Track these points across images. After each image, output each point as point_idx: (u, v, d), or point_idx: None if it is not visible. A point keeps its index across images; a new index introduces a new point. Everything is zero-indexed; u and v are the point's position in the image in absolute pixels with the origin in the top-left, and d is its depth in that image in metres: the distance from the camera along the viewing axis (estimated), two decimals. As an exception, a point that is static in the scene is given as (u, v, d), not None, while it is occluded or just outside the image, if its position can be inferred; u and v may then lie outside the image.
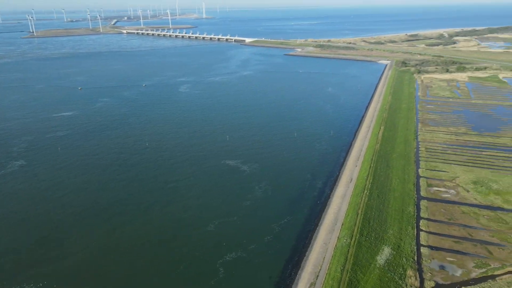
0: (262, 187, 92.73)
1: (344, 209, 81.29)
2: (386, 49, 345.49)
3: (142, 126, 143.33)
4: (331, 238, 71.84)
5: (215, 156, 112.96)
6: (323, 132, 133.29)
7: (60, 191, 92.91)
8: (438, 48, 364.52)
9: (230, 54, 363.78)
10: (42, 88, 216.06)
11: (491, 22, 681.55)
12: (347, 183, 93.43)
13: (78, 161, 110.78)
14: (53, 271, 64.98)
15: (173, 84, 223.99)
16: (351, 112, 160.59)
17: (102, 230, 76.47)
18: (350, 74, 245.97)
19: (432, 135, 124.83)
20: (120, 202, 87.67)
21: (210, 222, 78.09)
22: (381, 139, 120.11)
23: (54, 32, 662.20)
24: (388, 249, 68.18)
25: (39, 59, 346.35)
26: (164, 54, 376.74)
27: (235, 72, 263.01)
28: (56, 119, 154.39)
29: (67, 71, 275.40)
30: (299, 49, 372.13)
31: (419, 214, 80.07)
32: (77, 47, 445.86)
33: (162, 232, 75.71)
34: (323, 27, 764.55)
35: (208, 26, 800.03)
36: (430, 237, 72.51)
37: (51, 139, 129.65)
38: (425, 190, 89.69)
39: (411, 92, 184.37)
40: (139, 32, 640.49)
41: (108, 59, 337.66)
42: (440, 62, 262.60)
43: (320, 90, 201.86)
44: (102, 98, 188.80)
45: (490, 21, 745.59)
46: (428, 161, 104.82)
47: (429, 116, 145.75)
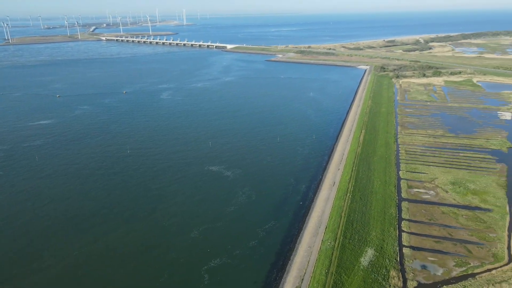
0: (245, 192, 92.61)
1: (328, 212, 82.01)
2: (365, 55, 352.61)
3: (123, 134, 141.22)
4: (315, 241, 72.26)
5: (198, 162, 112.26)
6: (306, 137, 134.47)
7: (38, 202, 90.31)
8: (414, 53, 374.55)
9: (212, 60, 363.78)
10: (18, 97, 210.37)
11: (464, 29, 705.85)
12: (330, 186, 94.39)
13: (57, 171, 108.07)
14: (32, 285, 62.90)
15: (154, 91, 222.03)
16: (332, 116, 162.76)
17: (83, 241, 74.60)
18: (330, 79, 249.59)
19: (411, 137, 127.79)
20: (101, 211, 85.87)
21: (194, 228, 77.38)
22: (363, 142, 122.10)
23: (31, 39, 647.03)
24: (371, 250, 69.08)
25: (15, 66, 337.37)
26: (145, 60, 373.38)
27: (217, 78, 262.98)
28: (33, 127, 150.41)
29: (45, 78, 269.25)
30: (280, 55, 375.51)
31: (400, 215, 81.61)
32: (55, 54, 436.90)
33: (145, 240, 74.49)
34: (303, 33, 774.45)
35: (189, 32, 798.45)
36: (411, 238, 73.92)
37: (28, 148, 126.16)
38: (406, 192, 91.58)
39: (390, 96, 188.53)
40: (119, 39, 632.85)
41: (87, 66, 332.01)
42: (417, 67, 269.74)
43: (302, 95, 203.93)
44: (81, 106, 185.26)
45: (463, 27, 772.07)
46: (408, 163, 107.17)
47: (408, 119, 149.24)
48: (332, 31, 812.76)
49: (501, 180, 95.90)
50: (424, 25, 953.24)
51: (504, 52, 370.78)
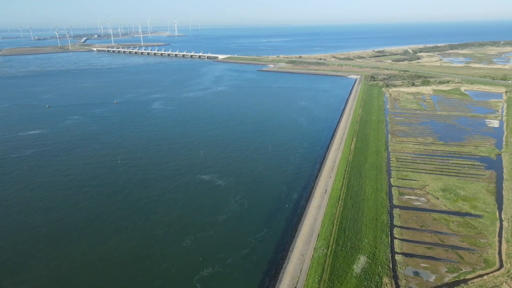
0: (238, 200, 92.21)
1: (320, 220, 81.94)
2: (355, 65, 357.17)
3: (114, 144, 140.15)
4: (307, 249, 71.99)
5: (190, 171, 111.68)
6: (298, 145, 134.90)
7: (26, 213, 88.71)
8: (403, 63, 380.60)
9: (204, 70, 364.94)
10: (7, 107, 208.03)
11: (451, 39, 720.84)
12: (322, 194, 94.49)
13: (46, 181, 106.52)
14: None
15: (146, 100, 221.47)
16: (324, 124, 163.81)
17: (73, 251, 73.25)
18: (321, 89, 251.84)
19: (402, 145, 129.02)
20: (91, 221, 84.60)
21: (186, 237, 76.60)
22: (354, 150, 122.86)
23: (20, 51, 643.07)
24: (364, 257, 68.99)
25: (4, 77, 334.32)
26: (136, 71, 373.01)
27: (209, 88, 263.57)
28: (22, 138, 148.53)
29: (34, 89, 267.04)
30: (271, 65, 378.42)
31: (392, 222, 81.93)
32: (45, 65, 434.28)
33: (137, 250, 73.42)
34: (294, 44, 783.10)
35: (181, 43, 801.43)
36: (404, 244, 74.12)
37: (17, 159, 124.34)
38: (397, 199, 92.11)
39: (381, 105, 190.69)
40: (110, 50, 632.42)
41: (78, 77, 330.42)
42: (406, 76, 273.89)
43: (293, 104, 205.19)
44: (72, 116, 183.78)
45: (450, 38, 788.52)
46: (399, 171, 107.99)
47: (398, 127, 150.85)
48: (322, 42, 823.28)
49: (490, 186, 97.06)
50: (412, 36, 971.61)
51: (490, 62, 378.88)
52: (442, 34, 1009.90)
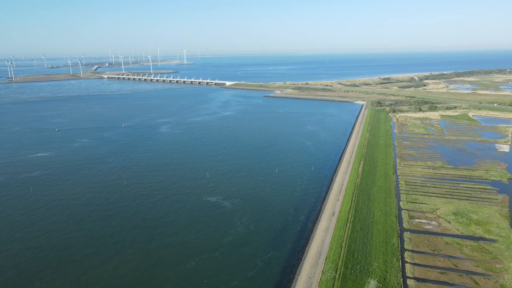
0: (244, 222, 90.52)
1: (328, 242, 79.71)
2: (362, 91, 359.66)
3: (121, 166, 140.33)
4: (315, 272, 69.61)
5: (196, 193, 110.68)
6: (304, 168, 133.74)
7: (30, 233, 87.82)
8: (410, 89, 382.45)
9: (211, 96, 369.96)
10: (17, 131, 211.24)
11: (457, 67, 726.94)
12: (330, 216, 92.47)
13: (52, 201, 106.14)
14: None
15: (154, 124, 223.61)
16: (330, 148, 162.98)
17: (75, 272, 71.71)
18: (328, 113, 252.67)
19: (410, 169, 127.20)
20: (94, 241, 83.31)
21: (191, 259, 74.74)
22: (361, 174, 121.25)
23: (33, 78, 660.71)
24: (374, 281, 66.38)
25: (16, 103, 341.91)
26: (145, 97, 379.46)
27: (216, 112, 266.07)
28: (31, 159, 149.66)
29: (44, 113, 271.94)
30: (278, 91, 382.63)
31: (403, 245, 79.39)
32: (56, 91, 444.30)
33: (140, 272, 71.60)
34: (300, 71, 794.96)
35: (189, 71, 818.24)
36: (415, 269, 71.39)
37: (24, 180, 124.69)
38: (407, 222, 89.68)
39: (388, 130, 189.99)
40: (120, 77, 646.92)
41: (87, 102, 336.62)
42: (413, 102, 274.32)
43: (300, 128, 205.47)
44: (80, 139, 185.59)
45: (456, 66, 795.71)
46: (408, 194, 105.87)
47: (407, 151, 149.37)
48: (328, 70, 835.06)
49: (503, 210, 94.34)
50: (418, 64, 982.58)
51: (497, 89, 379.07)
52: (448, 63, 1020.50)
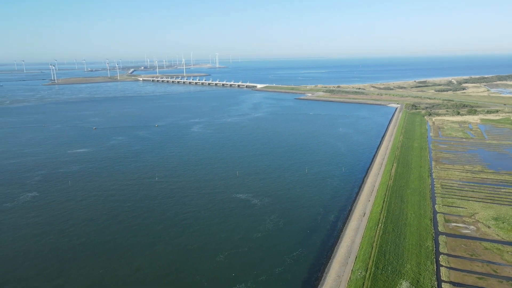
0: (273, 219, 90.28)
1: (358, 242, 77.90)
2: (396, 94, 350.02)
3: (154, 163, 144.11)
4: (344, 270, 68.17)
5: (226, 190, 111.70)
6: (335, 169, 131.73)
7: (67, 223, 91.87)
8: (447, 93, 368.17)
9: (242, 98, 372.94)
10: (58, 128, 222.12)
11: (499, 71, 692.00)
12: (360, 217, 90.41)
13: (88, 194, 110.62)
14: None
15: (186, 124, 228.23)
16: (362, 149, 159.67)
17: (107, 261, 74.18)
18: (360, 116, 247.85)
19: (447, 172, 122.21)
20: (128, 233, 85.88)
21: (220, 253, 75.40)
22: (394, 176, 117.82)
23: (74, 80, 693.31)
24: (406, 283, 64.12)
25: (57, 103, 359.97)
26: (177, 98, 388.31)
27: (247, 114, 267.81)
28: (70, 155, 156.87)
29: (83, 113, 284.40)
30: (309, 94, 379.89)
31: (438, 249, 76.24)
32: (94, 92, 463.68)
33: (169, 263, 73.06)
34: (332, 75, 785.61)
35: (221, 74, 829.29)
36: (451, 273, 68.33)
37: (63, 174, 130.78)
38: (443, 226, 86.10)
39: (423, 133, 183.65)
40: (154, 80, 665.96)
41: (123, 103, 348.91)
42: (451, 105, 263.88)
43: (331, 130, 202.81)
44: (116, 137, 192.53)
45: (498, 69, 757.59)
46: (444, 197, 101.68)
47: (443, 154, 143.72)
48: (361, 73, 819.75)
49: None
50: (457, 68, 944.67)
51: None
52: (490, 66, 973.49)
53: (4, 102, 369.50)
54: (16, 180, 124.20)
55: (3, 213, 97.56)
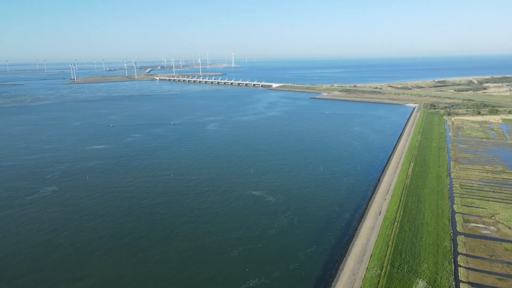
0: (287, 217, 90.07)
1: (373, 241, 76.94)
2: (414, 93, 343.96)
3: (169, 159, 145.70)
4: (359, 268, 67.44)
5: (241, 187, 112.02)
6: (350, 167, 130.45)
7: (86, 217, 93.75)
8: (467, 93, 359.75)
9: (257, 97, 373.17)
10: (77, 125, 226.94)
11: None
12: (376, 215, 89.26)
13: (105, 189, 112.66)
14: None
15: (201, 122, 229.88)
16: (378, 148, 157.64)
17: (122, 253, 75.41)
18: (377, 115, 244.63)
19: (466, 172, 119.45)
20: (143, 227, 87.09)
21: (234, 248, 75.67)
22: (411, 175, 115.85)
23: (93, 79, 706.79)
24: (423, 282, 62.97)
25: (76, 101, 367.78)
26: (193, 97, 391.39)
27: (262, 112, 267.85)
28: (88, 151, 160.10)
29: (101, 111, 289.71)
30: (325, 93, 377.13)
31: (456, 249, 74.61)
32: (111, 91, 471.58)
33: (184, 257, 73.75)
34: (348, 74, 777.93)
35: (237, 73, 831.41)
36: (470, 273, 66.76)
37: (81, 169, 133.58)
38: (461, 226, 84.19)
39: (442, 132, 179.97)
40: (171, 79, 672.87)
41: (140, 101, 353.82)
42: (471, 105, 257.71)
43: (346, 129, 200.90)
44: (133, 134, 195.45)
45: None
46: (463, 198, 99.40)
47: (462, 154, 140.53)
48: (378, 73, 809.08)
49: None
50: (477, 68, 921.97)
51: None
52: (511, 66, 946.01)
53: (25, 100, 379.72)
54: (37, 175, 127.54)
55: (24, 206, 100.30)
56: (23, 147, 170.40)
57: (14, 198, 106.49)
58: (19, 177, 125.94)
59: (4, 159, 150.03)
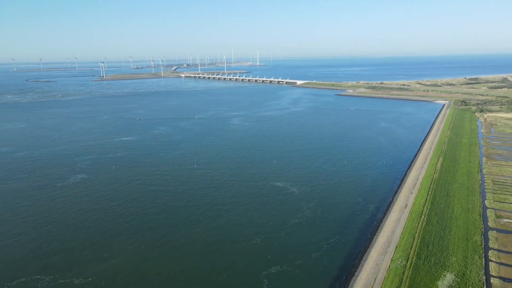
0: (311, 207, 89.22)
1: (399, 233, 75.02)
2: (444, 90, 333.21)
3: (193, 151, 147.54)
4: (383, 259, 65.93)
5: (264, 178, 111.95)
6: (376, 161, 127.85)
7: (113, 202, 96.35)
8: (502, 90, 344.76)
9: (282, 94, 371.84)
10: (106, 119, 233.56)
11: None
12: (402, 208, 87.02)
13: (132, 178, 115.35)
14: (101, 271, 65.64)
15: (225, 117, 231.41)
16: (406, 144, 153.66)
17: (150, 239, 76.90)
18: (404, 112, 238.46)
19: (499, 168, 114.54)
20: (167, 214, 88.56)
21: (256, 236, 75.71)
22: (440, 170, 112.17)
23: (121, 76, 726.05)
24: (451, 275, 60.85)
25: (105, 96, 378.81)
26: (218, 93, 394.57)
27: (286, 108, 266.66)
28: (116, 142, 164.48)
29: (128, 105, 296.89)
30: (350, 90, 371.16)
31: (487, 244, 71.67)
32: (138, 87, 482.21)
33: (206, 244, 74.41)
34: (374, 72, 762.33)
35: (261, 71, 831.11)
36: (501, 269, 63.98)
37: (109, 159, 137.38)
38: (493, 221, 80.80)
39: (473, 129, 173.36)
40: (196, 76, 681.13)
41: (165, 97, 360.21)
42: (505, 102, 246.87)
43: (372, 125, 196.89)
44: (158, 127, 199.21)
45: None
46: (496, 193, 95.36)
47: (495, 151, 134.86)
48: (406, 71, 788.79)
49: None
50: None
51: None
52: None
53: (56, 95, 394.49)
54: (67, 164, 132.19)
55: (55, 192, 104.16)
56: (55, 138, 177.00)
57: (46, 184, 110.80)
58: (51, 165, 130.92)
59: (38, 148, 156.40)
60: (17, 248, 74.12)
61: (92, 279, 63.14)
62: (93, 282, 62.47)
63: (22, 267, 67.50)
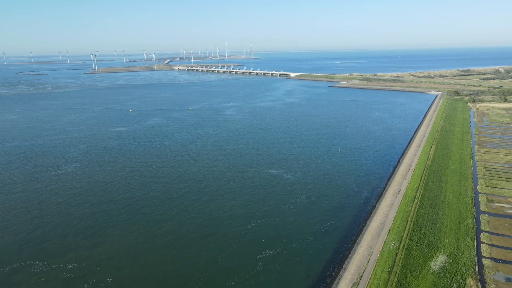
0: (305, 193, 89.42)
1: (392, 216, 75.53)
2: (436, 82, 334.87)
3: (187, 141, 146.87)
4: (377, 242, 66.38)
5: (258, 166, 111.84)
6: (369, 149, 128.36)
7: (106, 189, 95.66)
8: (494, 81, 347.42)
9: (275, 85, 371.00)
10: (98, 110, 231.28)
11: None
12: (395, 194, 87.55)
13: (125, 166, 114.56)
14: (94, 255, 65.27)
15: (219, 108, 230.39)
16: (399, 133, 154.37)
17: (143, 225, 76.54)
18: (397, 102, 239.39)
19: (491, 155, 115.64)
20: (160, 201, 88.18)
21: (251, 221, 75.75)
22: (433, 157, 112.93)
23: (113, 69, 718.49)
24: (443, 256, 61.45)
25: (97, 88, 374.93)
26: (211, 85, 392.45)
27: (280, 99, 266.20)
28: (109, 133, 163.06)
29: (121, 97, 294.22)
30: (344, 82, 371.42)
31: (479, 227, 72.46)
32: (131, 80, 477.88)
33: (201, 228, 74.32)
34: (368, 65, 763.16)
35: (255, 64, 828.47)
36: (493, 250, 64.75)
37: (102, 148, 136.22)
38: (485, 205, 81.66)
39: (466, 118, 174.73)
40: (189, 69, 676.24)
41: (158, 89, 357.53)
42: (497, 92, 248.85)
43: (366, 114, 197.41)
44: (151, 118, 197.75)
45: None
46: (488, 179, 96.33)
47: (487, 139, 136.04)
48: (399, 63, 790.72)
49: None
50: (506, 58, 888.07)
51: None
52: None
53: (47, 88, 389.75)
54: (60, 153, 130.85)
55: (47, 181, 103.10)
56: (47, 128, 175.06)
57: (39, 173, 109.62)
58: (44, 155, 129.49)
59: (30, 139, 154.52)
60: (9, 235, 73.41)
61: (86, 263, 62.77)
62: (87, 266, 62.10)
63: (15, 252, 66.92)
